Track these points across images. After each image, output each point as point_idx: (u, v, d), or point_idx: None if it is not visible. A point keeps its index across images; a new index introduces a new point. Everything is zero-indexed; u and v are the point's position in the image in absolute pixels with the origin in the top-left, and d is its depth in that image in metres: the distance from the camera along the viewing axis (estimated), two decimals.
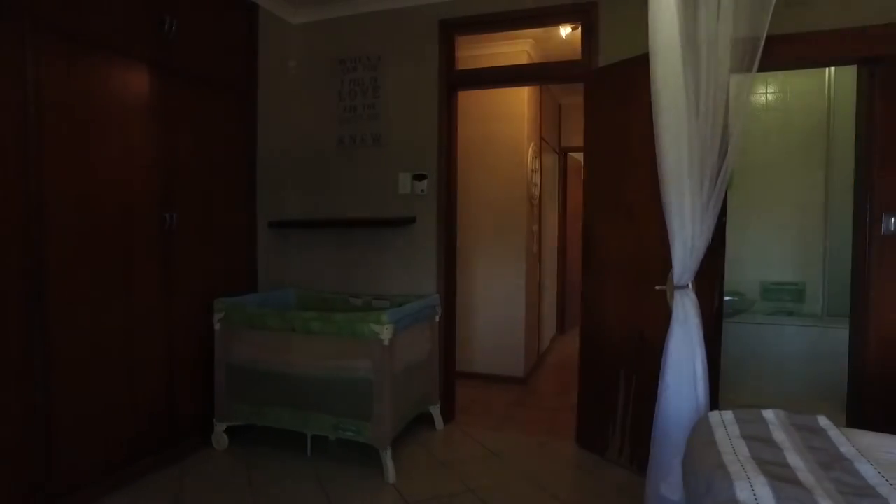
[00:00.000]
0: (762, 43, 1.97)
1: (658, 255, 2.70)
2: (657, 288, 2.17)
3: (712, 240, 2.41)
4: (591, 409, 3.12)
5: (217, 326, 3.01)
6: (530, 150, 4.58)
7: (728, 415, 1.62)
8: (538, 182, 4.96)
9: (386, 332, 2.68)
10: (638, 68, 2.80)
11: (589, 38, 3.11)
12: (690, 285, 2.08)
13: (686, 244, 2.04)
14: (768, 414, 1.61)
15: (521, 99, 4.36)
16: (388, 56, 3.49)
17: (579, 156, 7.09)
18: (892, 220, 2.69)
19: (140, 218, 2.67)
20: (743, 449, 1.40)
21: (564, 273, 6.49)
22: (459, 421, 3.59)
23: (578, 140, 6.64)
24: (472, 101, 4.28)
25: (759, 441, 1.44)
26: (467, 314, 4.49)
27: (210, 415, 3.06)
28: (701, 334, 2.03)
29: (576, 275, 7.63)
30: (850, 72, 3.29)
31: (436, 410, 3.42)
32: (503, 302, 4.50)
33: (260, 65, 3.41)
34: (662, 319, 2.68)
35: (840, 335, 3.79)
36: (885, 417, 2.72)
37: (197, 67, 2.96)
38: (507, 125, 4.39)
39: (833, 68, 3.85)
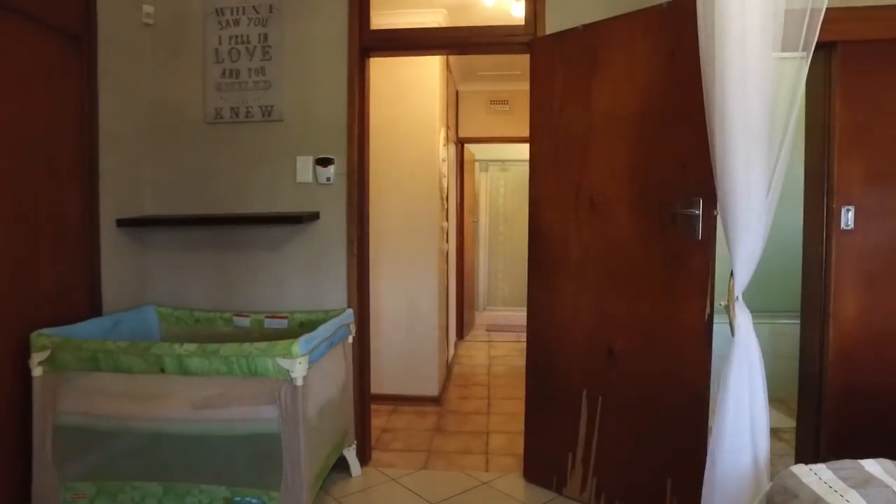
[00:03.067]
0: None
1: (630, 254, 2.30)
2: (722, 304, 1.68)
3: (702, 229, 2.06)
4: (543, 436, 2.65)
5: (37, 372, 2.06)
6: (441, 136, 4.04)
7: (824, 471, 1.20)
8: (446, 173, 4.43)
9: (299, 368, 1.98)
10: (602, 34, 2.38)
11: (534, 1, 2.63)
12: (741, 298, 1.66)
13: (756, 237, 1.59)
14: (871, 465, 1.22)
15: (434, 76, 3.79)
16: (282, 7, 2.72)
17: (476, 148, 6.72)
18: (851, 214, 2.55)
19: None
20: None
21: (462, 273, 6.07)
22: (377, 461, 2.94)
23: (476, 130, 6.28)
24: (379, 75, 3.62)
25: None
26: (373, 326, 3.82)
27: (27, 500, 2.11)
28: (762, 364, 1.62)
29: (472, 276, 7.32)
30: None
31: (351, 453, 2.74)
32: (413, 310, 3.90)
33: (101, 6, 2.47)
34: (637, 332, 2.29)
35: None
36: (841, 421, 2.59)
37: None
38: (419, 106, 3.79)
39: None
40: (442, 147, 4.08)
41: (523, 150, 6.83)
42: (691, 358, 2.13)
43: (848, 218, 2.54)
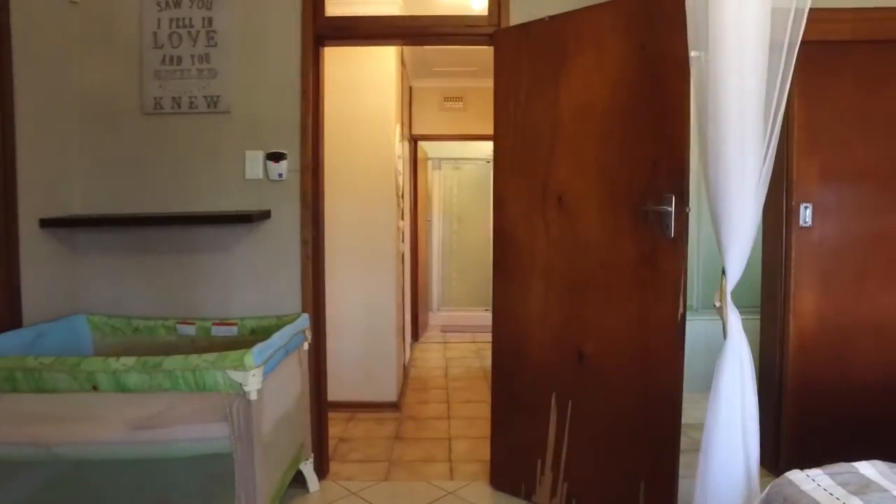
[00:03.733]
0: None
1: (600, 254, 2.23)
2: (716, 304, 1.61)
3: (675, 226, 2.02)
4: (510, 442, 2.56)
5: None
6: (397, 132, 3.90)
7: (822, 477, 1.14)
8: (402, 171, 4.30)
9: (252, 381, 1.80)
10: (570, 26, 2.30)
11: None
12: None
13: (746, 232, 1.53)
14: (866, 468, 1.17)
15: (390, 69, 3.65)
16: None
17: (429, 146, 6.60)
18: (809, 211, 2.58)
19: None
20: None
21: (416, 273, 5.94)
22: (336, 474, 2.78)
23: (429, 128, 6.15)
24: (334, 65, 3.45)
25: None
26: (329, 331, 3.64)
27: None
28: (752, 365, 1.56)
29: (426, 276, 7.19)
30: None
31: (308, 467, 2.57)
32: (371, 313, 3.75)
33: None
34: (607, 334, 2.23)
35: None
36: (800, 413, 2.62)
37: None
38: (374, 100, 3.64)
39: None
40: (398, 143, 3.94)
41: (477, 148, 6.84)
42: (664, 359, 2.08)
43: (806, 215, 2.58)
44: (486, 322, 6.64)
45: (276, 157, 2.56)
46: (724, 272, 1.60)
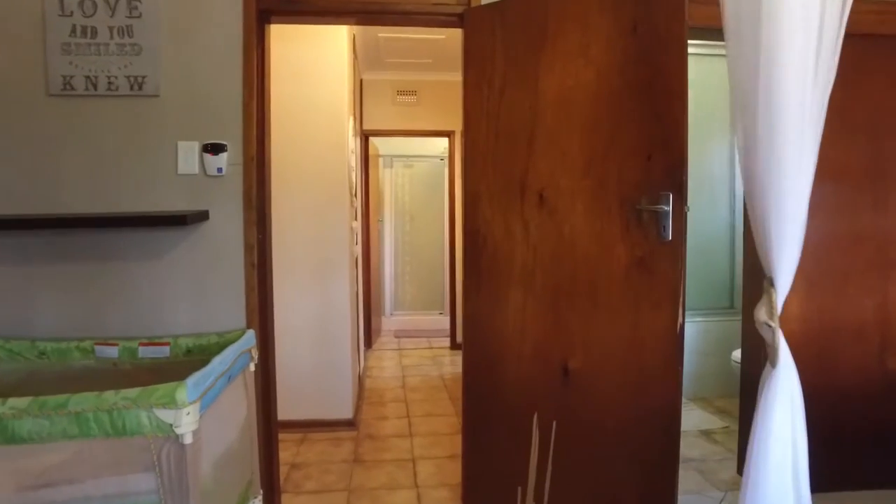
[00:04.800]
0: None
1: (588, 257, 2.01)
2: (770, 324, 1.36)
3: (673, 226, 1.82)
4: (485, 467, 2.31)
5: None
6: (350, 125, 3.58)
7: None
8: (355, 167, 3.98)
9: (186, 421, 1.47)
10: (552, 4, 2.05)
11: None
12: None
13: (798, 235, 1.33)
14: None
15: (342, 55, 3.33)
16: None
17: (381, 143, 6.28)
18: None
19: None
20: None
21: (369, 276, 5.62)
22: None
23: (381, 123, 5.83)
24: (281, 48, 3.10)
25: None
26: (277, 345, 3.28)
27: None
28: (801, 396, 1.35)
29: (378, 279, 6.86)
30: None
31: None
32: (324, 324, 3.42)
33: None
34: (596, 347, 2.01)
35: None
36: None
37: None
38: (326, 87, 3.31)
39: None
40: (351, 137, 3.63)
41: (430, 146, 6.56)
42: (660, 375, 1.88)
43: None
44: (441, 326, 6.46)
45: (214, 148, 2.20)
46: (771, 283, 1.39)
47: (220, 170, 2.21)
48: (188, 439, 1.47)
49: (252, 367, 2.19)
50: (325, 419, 3.41)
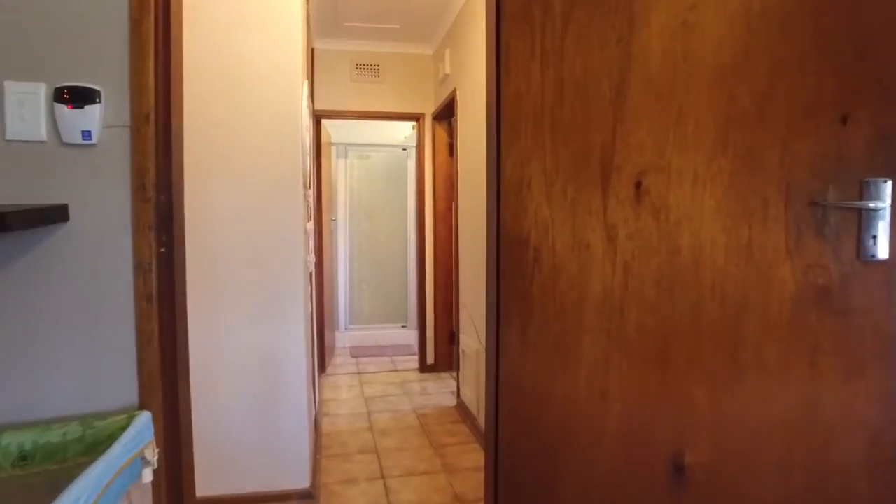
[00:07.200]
0: None
1: (723, 288, 1.21)
2: None
3: (892, 242, 1.04)
4: None
5: None
6: (305, 92, 2.67)
7: None
8: (309, 151, 3.06)
9: None
10: None
11: None
12: None
13: None
14: None
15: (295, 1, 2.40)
16: None
17: (333, 129, 5.33)
18: None
19: None
20: None
21: (321, 287, 4.69)
22: None
23: (337, 103, 4.85)
24: None
25: None
26: (204, 398, 2.31)
27: None
28: None
29: (331, 289, 5.88)
30: None
31: None
32: (270, 365, 2.48)
33: None
34: (736, 433, 1.21)
35: None
36: None
37: None
38: (273, 45, 2.37)
39: None
40: (306, 110, 2.71)
41: (390, 133, 5.56)
42: (864, 487, 1.11)
43: None
44: (405, 341, 5.51)
45: (76, 96, 1.26)
46: None
47: (87, 134, 1.27)
48: None
49: (148, 477, 1.26)
50: (273, 491, 2.49)
